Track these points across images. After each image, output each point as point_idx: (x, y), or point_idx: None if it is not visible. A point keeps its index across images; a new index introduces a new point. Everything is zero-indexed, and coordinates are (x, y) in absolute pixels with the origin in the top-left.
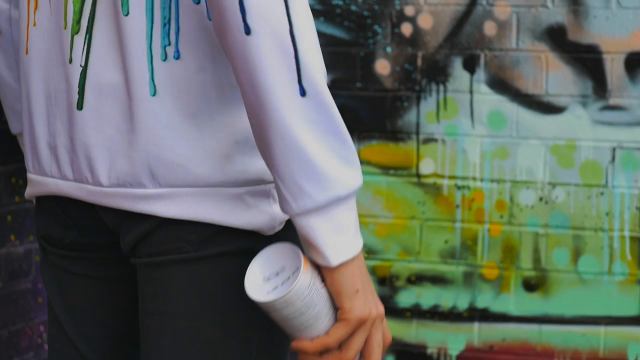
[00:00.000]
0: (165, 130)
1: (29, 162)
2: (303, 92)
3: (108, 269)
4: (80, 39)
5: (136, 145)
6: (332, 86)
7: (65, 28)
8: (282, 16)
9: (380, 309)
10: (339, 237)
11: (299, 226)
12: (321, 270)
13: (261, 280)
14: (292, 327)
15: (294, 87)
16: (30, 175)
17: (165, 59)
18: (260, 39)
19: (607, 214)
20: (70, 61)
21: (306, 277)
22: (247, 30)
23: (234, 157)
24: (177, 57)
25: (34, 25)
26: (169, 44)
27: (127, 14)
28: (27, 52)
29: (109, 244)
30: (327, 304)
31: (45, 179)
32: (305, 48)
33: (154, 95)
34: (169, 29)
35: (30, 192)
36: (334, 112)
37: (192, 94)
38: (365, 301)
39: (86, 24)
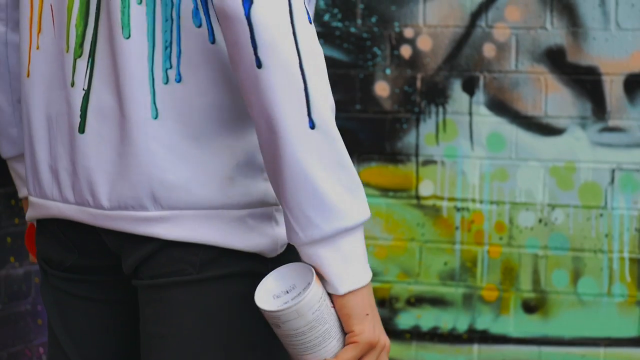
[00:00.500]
0: (167, 153)
1: (29, 185)
2: (312, 125)
3: (109, 291)
4: (83, 63)
5: (138, 168)
6: None
7: (67, 51)
8: (292, 51)
9: (388, 340)
10: (347, 267)
11: (307, 255)
12: (330, 296)
13: (271, 297)
14: (299, 345)
15: (304, 119)
16: (32, 198)
17: (166, 81)
18: (271, 73)
19: (606, 235)
20: (73, 84)
21: (317, 290)
22: (259, 64)
23: (235, 179)
24: (179, 80)
25: (37, 48)
26: (171, 67)
27: (129, 37)
28: (28, 75)
29: (110, 266)
30: (336, 324)
31: (47, 201)
32: (314, 82)
33: (155, 118)
34: (170, 52)
35: (31, 214)
36: (341, 145)
37: (194, 117)
38: (374, 326)
39: (89, 47)
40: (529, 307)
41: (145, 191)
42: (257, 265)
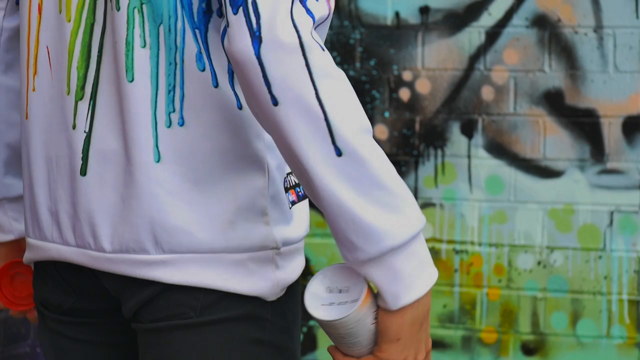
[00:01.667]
0: (169, 197)
1: (28, 227)
2: (339, 152)
3: (107, 334)
4: (84, 105)
5: (140, 211)
6: None
7: (68, 94)
8: (306, 83)
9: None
10: (398, 285)
11: (361, 272)
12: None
13: (324, 289)
14: (331, 336)
15: (329, 149)
16: (30, 240)
17: (169, 125)
18: (288, 109)
19: (605, 277)
20: (74, 127)
21: (359, 313)
22: (275, 102)
23: (236, 223)
24: (182, 123)
25: (33, 90)
26: (174, 111)
27: (132, 81)
28: (27, 117)
29: (109, 310)
30: (370, 338)
31: (46, 244)
32: (334, 109)
33: (158, 161)
34: (173, 96)
35: (29, 257)
36: (375, 164)
37: (197, 160)
38: (402, 350)
39: (90, 90)
40: (529, 349)
41: (147, 234)
42: (258, 308)
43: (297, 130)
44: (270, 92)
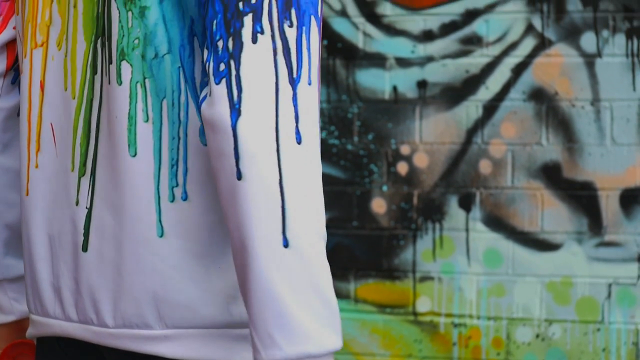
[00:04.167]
0: (173, 272)
1: (30, 303)
2: (286, 244)
3: None
4: (86, 181)
5: (142, 286)
6: (328, 225)
7: (72, 170)
8: (272, 166)
9: None
10: None
11: None
12: None
13: None
14: None
15: (277, 237)
16: (33, 317)
17: (173, 200)
18: (249, 185)
19: (603, 349)
20: (77, 203)
21: None
22: (239, 176)
23: (239, 298)
24: (185, 198)
25: (36, 167)
26: (177, 185)
27: (135, 155)
28: (27, 194)
29: None
30: None
31: (49, 320)
32: (295, 201)
33: (161, 236)
34: (177, 170)
35: (32, 332)
36: (319, 270)
37: (200, 235)
38: None
39: (90, 165)
40: None
41: (150, 309)
42: None
43: (251, 209)
44: (237, 165)
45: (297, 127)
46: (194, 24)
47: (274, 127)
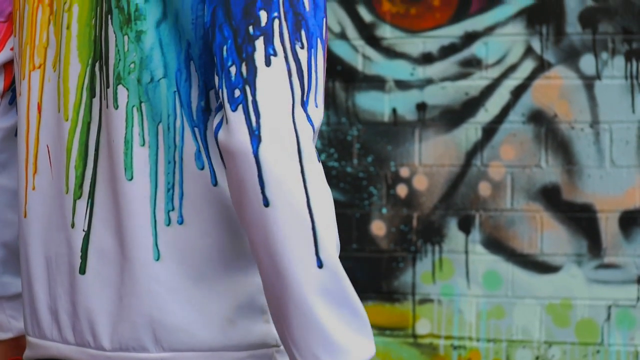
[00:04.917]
0: (169, 295)
1: (27, 325)
2: (320, 264)
3: None
4: (82, 204)
5: (139, 309)
6: None
7: (67, 192)
8: (299, 189)
9: None
10: None
11: None
12: None
13: None
14: None
15: (312, 259)
16: (30, 339)
17: (169, 223)
18: (278, 211)
19: None
20: (73, 226)
21: None
22: (266, 203)
23: (236, 321)
24: (181, 221)
25: (33, 189)
26: (173, 209)
27: (131, 179)
28: (25, 216)
29: None
30: None
31: (46, 342)
32: (322, 221)
33: (157, 259)
34: (172, 194)
35: (29, 355)
36: (345, 281)
37: (196, 258)
38: None
39: (88, 188)
40: None
41: (147, 332)
42: None
43: (283, 235)
44: (263, 192)
45: (313, 146)
46: (190, 47)
47: (296, 150)
